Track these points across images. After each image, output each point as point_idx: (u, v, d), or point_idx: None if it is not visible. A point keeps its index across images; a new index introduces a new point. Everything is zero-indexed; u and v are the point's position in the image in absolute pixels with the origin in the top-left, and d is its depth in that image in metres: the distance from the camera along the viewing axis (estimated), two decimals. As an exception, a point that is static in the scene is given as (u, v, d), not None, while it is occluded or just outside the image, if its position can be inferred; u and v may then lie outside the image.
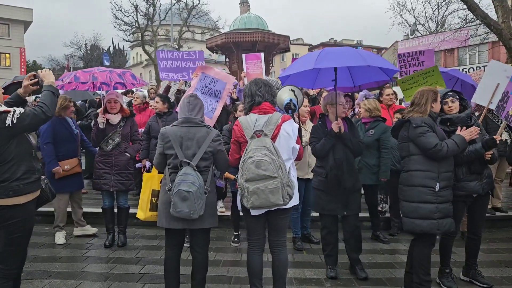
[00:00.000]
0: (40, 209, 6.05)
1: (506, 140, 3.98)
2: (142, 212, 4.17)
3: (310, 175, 4.78)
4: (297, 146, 3.22)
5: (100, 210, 5.25)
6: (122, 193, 5.05)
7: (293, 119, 3.36)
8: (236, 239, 5.14)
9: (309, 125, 5.08)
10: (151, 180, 4.19)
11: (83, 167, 6.64)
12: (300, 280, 4.06)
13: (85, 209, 5.89)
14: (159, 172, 3.80)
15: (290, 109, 3.27)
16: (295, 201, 3.23)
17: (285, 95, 3.49)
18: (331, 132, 3.92)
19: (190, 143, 3.23)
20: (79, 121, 7.52)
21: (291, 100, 3.22)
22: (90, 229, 5.44)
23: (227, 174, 3.38)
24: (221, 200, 5.98)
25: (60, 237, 5.15)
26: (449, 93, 3.80)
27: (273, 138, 3.10)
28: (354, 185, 4.03)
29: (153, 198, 4.09)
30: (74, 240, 5.26)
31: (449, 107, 3.72)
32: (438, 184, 3.34)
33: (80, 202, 5.47)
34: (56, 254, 4.74)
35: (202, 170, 3.23)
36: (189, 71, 5.99)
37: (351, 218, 4.13)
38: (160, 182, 3.64)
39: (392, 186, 5.38)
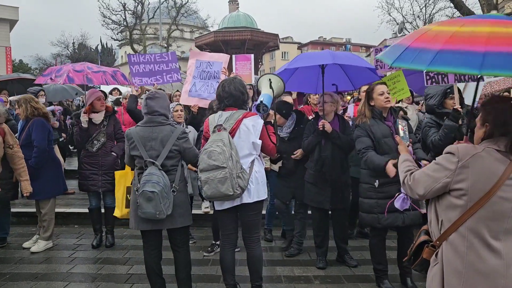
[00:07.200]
0: (25, 210, 6.10)
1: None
2: (118, 210, 4.12)
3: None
4: (259, 142, 3.22)
5: (86, 210, 5.19)
6: (109, 192, 4.96)
7: (265, 118, 3.34)
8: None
9: None
10: (124, 177, 4.14)
11: (75, 168, 6.56)
12: (289, 278, 4.06)
13: (72, 210, 5.85)
14: (132, 169, 3.76)
15: (261, 110, 3.25)
16: (257, 196, 3.22)
17: (262, 89, 3.41)
18: (317, 130, 4.11)
19: (154, 143, 3.20)
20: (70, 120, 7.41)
21: (261, 102, 3.22)
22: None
23: (189, 166, 3.38)
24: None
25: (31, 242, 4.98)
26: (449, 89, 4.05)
27: (232, 132, 3.16)
28: (341, 179, 4.20)
29: (127, 195, 4.04)
30: (61, 241, 5.19)
31: (454, 102, 3.96)
32: (377, 180, 3.52)
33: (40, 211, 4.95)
34: (42, 256, 4.67)
35: (169, 169, 3.21)
36: (163, 74, 5.86)
37: (339, 212, 4.36)
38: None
39: None
